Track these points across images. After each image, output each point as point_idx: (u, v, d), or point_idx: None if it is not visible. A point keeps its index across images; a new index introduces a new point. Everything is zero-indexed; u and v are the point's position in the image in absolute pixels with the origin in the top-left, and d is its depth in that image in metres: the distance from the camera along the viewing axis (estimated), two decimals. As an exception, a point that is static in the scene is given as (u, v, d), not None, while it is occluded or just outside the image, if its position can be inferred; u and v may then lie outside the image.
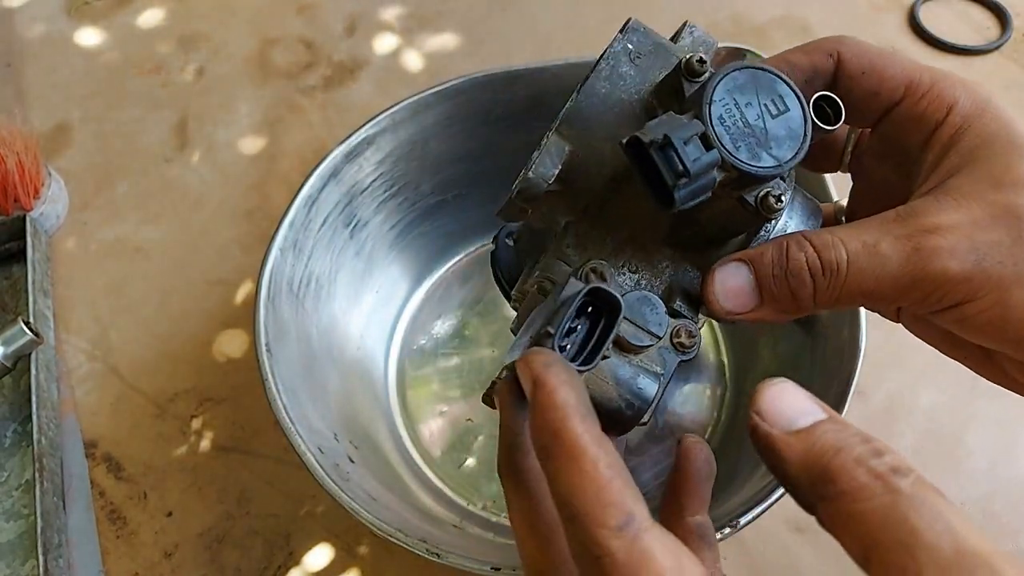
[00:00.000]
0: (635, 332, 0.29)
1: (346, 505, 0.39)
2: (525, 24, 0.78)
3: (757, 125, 0.27)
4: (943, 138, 0.29)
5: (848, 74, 0.31)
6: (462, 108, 0.54)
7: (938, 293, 0.27)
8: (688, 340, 0.30)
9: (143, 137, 0.72)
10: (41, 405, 0.53)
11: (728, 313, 0.30)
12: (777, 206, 0.28)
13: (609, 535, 0.22)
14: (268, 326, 0.46)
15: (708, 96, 0.27)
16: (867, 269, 0.27)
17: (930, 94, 0.30)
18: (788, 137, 0.27)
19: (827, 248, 0.28)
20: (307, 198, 0.50)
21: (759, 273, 0.29)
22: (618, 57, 0.30)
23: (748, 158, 0.27)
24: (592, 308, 0.28)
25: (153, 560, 0.51)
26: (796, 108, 0.28)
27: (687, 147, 0.25)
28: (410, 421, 0.55)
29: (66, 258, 0.65)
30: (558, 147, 0.30)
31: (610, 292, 0.27)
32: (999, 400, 0.54)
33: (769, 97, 0.28)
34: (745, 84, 0.27)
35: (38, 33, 0.80)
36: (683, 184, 0.26)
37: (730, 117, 0.27)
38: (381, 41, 0.77)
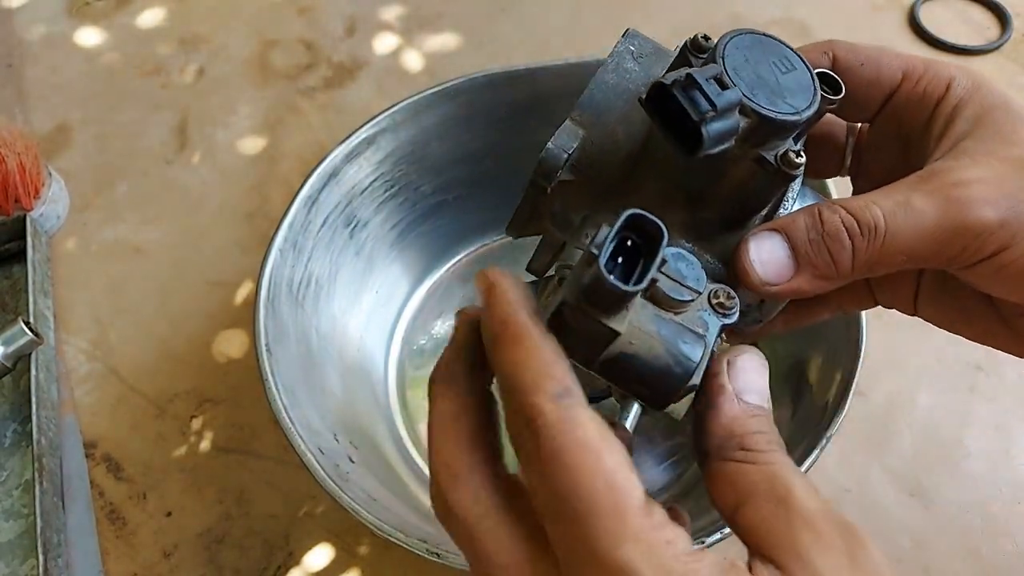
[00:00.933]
0: (674, 286, 0.28)
1: (346, 505, 0.39)
2: (525, 25, 0.78)
3: (770, 78, 0.27)
4: (947, 110, 0.30)
5: (845, 67, 0.31)
6: (462, 109, 0.54)
7: (977, 242, 0.27)
8: (728, 301, 0.28)
9: (143, 138, 0.72)
10: (41, 405, 0.53)
11: (765, 284, 0.29)
12: (798, 161, 0.28)
13: (545, 400, 0.23)
14: (268, 326, 0.46)
15: (720, 50, 0.27)
16: (905, 225, 0.27)
17: (927, 75, 0.31)
18: (800, 90, 0.28)
19: (861, 209, 0.28)
20: (307, 199, 0.50)
21: (794, 239, 0.29)
22: (622, 55, 0.31)
23: (766, 103, 0.27)
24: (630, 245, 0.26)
25: (152, 560, 0.51)
26: (802, 69, 0.28)
27: (709, 85, 0.26)
28: (410, 421, 0.55)
29: (66, 258, 0.65)
30: (572, 130, 0.31)
31: (650, 218, 0.25)
32: (997, 401, 0.54)
33: (777, 57, 0.28)
34: (753, 45, 0.28)
35: (39, 34, 0.80)
36: (711, 119, 0.25)
37: (743, 69, 0.27)
38: (381, 42, 0.78)
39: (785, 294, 0.29)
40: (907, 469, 0.52)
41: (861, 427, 0.53)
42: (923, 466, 0.52)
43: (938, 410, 0.54)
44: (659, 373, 0.27)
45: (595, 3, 0.80)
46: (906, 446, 0.53)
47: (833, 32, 0.76)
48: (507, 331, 0.24)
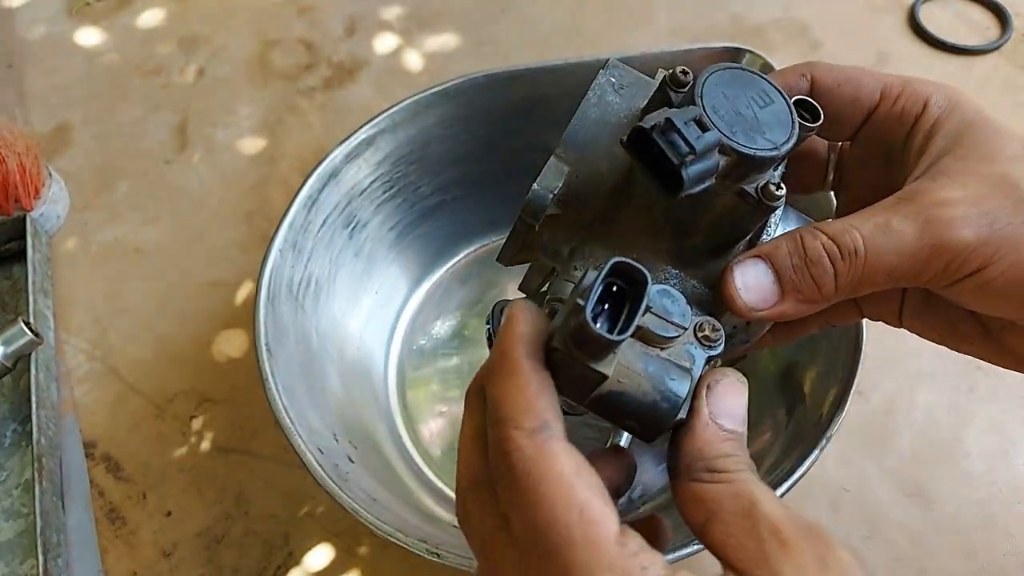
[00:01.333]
0: (659, 323, 0.29)
1: (346, 505, 0.39)
2: (524, 25, 0.78)
3: (748, 114, 0.28)
4: (925, 127, 0.30)
5: (824, 88, 0.32)
6: (462, 109, 0.54)
7: (957, 261, 0.28)
8: (713, 333, 0.29)
9: (143, 138, 0.72)
10: (41, 405, 0.53)
11: (751, 309, 0.30)
12: (778, 193, 0.28)
13: (521, 435, 0.24)
14: (268, 326, 0.46)
15: (699, 89, 0.28)
16: (885, 247, 0.28)
17: (905, 93, 0.31)
18: (778, 124, 0.28)
19: (841, 233, 0.28)
20: (307, 199, 0.50)
21: (777, 265, 0.30)
22: (604, 88, 0.32)
23: (745, 141, 0.28)
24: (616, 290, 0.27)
25: (152, 560, 0.51)
26: (780, 101, 0.29)
27: (688, 128, 0.26)
28: (410, 421, 0.55)
29: (66, 258, 0.65)
30: (558, 167, 0.32)
31: (635, 265, 0.26)
32: (996, 402, 0.54)
33: (754, 91, 0.29)
34: (732, 81, 0.29)
35: (39, 34, 0.80)
36: (690, 161, 0.26)
37: (721, 107, 0.28)
38: (381, 42, 0.78)
39: (771, 318, 0.30)
40: (906, 469, 0.52)
41: (861, 427, 0.53)
42: (922, 466, 0.52)
43: (937, 410, 0.54)
44: (648, 410, 0.28)
45: (595, 3, 0.80)
46: (905, 446, 0.53)
47: (832, 32, 0.76)
48: (503, 364, 0.26)
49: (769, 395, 0.51)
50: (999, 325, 0.32)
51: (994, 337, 0.33)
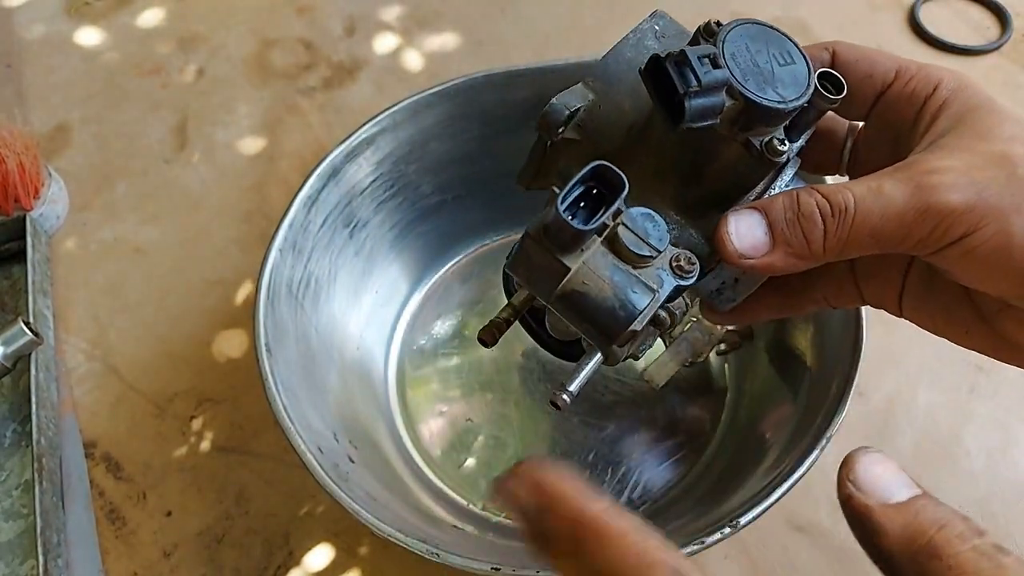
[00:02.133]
0: (635, 241, 0.30)
1: (346, 505, 0.39)
2: (524, 25, 0.78)
3: (766, 67, 0.29)
4: (932, 108, 0.32)
5: (843, 62, 0.33)
6: (462, 108, 0.54)
7: (943, 225, 0.29)
8: (688, 265, 0.31)
9: (143, 138, 0.72)
10: (40, 405, 0.53)
11: (740, 256, 0.31)
12: (781, 149, 0.30)
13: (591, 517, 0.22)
14: (268, 326, 0.46)
15: (723, 35, 0.29)
16: (874, 208, 0.29)
17: (918, 75, 0.33)
18: (793, 83, 0.29)
19: (835, 192, 0.30)
20: (307, 198, 0.50)
21: (772, 217, 0.31)
22: (645, 33, 0.33)
23: (755, 89, 0.29)
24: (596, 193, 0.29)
25: (152, 560, 0.51)
26: (802, 63, 0.30)
27: (700, 63, 0.28)
28: (410, 421, 0.55)
29: (66, 258, 0.65)
30: (582, 92, 0.33)
31: (614, 170, 0.29)
32: (997, 401, 0.54)
33: (778, 49, 0.30)
34: (757, 35, 0.30)
35: (38, 34, 0.80)
36: (695, 94, 0.27)
37: (741, 56, 0.29)
38: (381, 42, 0.78)
39: (760, 268, 0.31)
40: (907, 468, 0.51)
41: (861, 427, 0.53)
42: (923, 465, 0.52)
43: (938, 410, 0.54)
44: (604, 313, 0.30)
45: (595, 3, 0.80)
46: (906, 446, 0.53)
47: (832, 32, 0.76)
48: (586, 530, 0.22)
49: (769, 395, 0.51)
50: (993, 309, 0.32)
51: (989, 323, 0.33)
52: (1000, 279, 0.29)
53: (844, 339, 0.44)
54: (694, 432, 0.53)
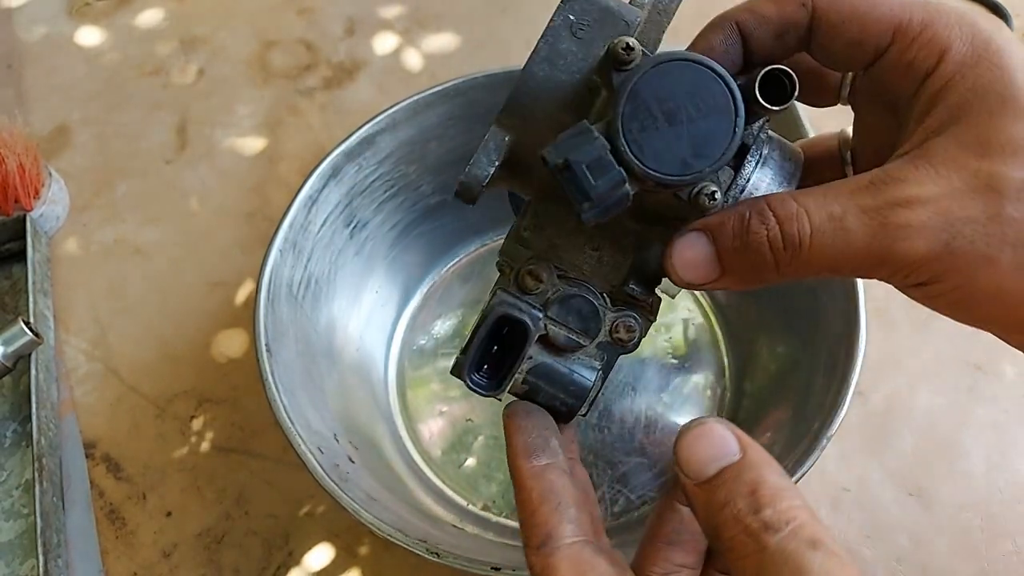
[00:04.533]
0: (567, 335, 0.30)
1: (346, 505, 0.39)
2: (524, 25, 0.78)
3: (681, 126, 0.26)
4: (932, 89, 0.27)
5: (826, 23, 0.28)
6: (462, 108, 0.54)
7: (903, 271, 0.26)
8: (627, 335, 0.31)
9: (143, 138, 0.72)
10: (41, 405, 0.53)
11: (688, 284, 0.29)
12: (710, 204, 0.27)
13: (530, 552, 0.26)
14: (268, 327, 0.46)
15: (622, 102, 0.25)
16: (830, 244, 0.26)
17: (921, 38, 0.27)
18: (717, 135, 0.26)
19: (790, 220, 0.26)
20: (307, 199, 0.50)
21: (719, 244, 0.28)
22: (558, 33, 0.28)
23: (668, 168, 0.26)
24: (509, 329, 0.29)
25: (152, 560, 0.51)
26: (727, 103, 0.26)
27: (590, 171, 0.25)
28: (410, 421, 0.55)
29: (66, 259, 0.65)
30: (497, 140, 0.29)
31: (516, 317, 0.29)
32: (996, 402, 0.54)
33: (697, 92, 0.26)
34: (669, 81, 0.25)
35: (38, 34, 0.80)
36: (587, 208, 0.25)
37: (650, 120, 0.25)
38: (381, 42, 0.78)
39: (711, 289, 0.30)
40: (906, 469, 0.52)
41: (861, 427, 0.53)
42: (922, 466, 0.52)
43: (937, 410, 0.54)
44: (555, 408, 0.31)
45: (595, 3, 0.80)
46: (906, 446, 0.53)
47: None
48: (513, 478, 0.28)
49: (769, 395, 0.51)
50: None
51: None
52: (966, 322, 0.27)
53: (844, 340, 0.44)
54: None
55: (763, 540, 0.22)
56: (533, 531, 0.26)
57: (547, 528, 0.26)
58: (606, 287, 0.31)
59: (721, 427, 0.25)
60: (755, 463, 0.24)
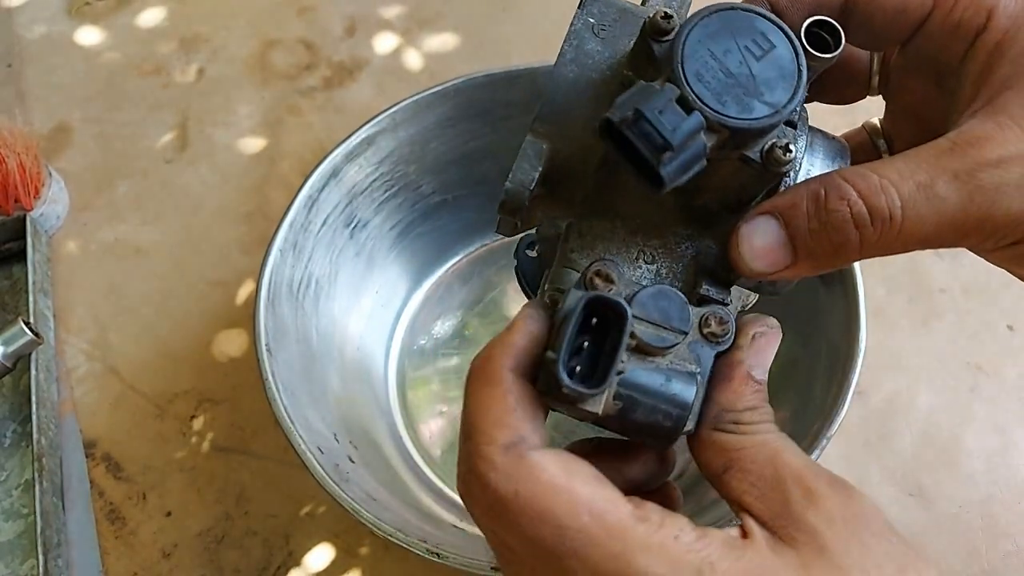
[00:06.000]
0: (656, 333, 0.26)
1: (346, 505, 0.39)
2: (525, 25, 0.78)
3: (741, 72, 0.24)
4: (988, 46, 0.26)
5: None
6: (462, 108, 0.54)
7: (1000, 232, 0.25)
8: (719, 328, 0.27)
9: (143, 138, 0.72)
10: (41, 405, 0.53)
11: (759, 274, 0.27)
12: (786, 157, 0.25)
13: (496, 450, 0.23)
14: (268, 327, 0.46)
15: (678, 53, 0.24)
16: (925, 214, 0.24)
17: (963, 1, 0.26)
18: (780, 78, 0.24)
19: (876, 193, 0.24)
20: (307, 198, 0.50)
21: (792, 227, 0.26)
22: (581, 35, 0.28)
23: (738, 111, 0.24)
24: (599, 319, 0.25)
25: (152, 560, 0.51)
26: (783, 43, 0.24)
27: (663, 116, 0.23)
28: (410, 421, 0.55)
29: (66, 258, 0.65)
30: (535, 148, 0.27)
31: (610, 298, 0.24)
32: (997, 402, 0.54)
33: (749, 38, 0.24)
34: (718, 30, 0.24)
35: (38, 34, 0.80)
36: (668, 159, 0.23)
37: (708, 70, 0.24)
38: (381, 42, 0.78)
39: (784, 279, 0.28)
40: (907, 469, 0.52)
41: (861, 427, 0.53)
42: (923, 466, 0.52)
43: (938, 410, 0.54)
44: (655, 426, 0.26)
45: (595, 3, 0.80)
46: (906, 446, 0.53)
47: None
48: (483, 371, 0.25)
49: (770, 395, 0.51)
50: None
51: None
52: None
53: (844, 339, 0.44)
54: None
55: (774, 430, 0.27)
56: (501, 428, 0.23)
57: (522, 429, 0.24)
58: None
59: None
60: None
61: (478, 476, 0.23)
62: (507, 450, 0.23)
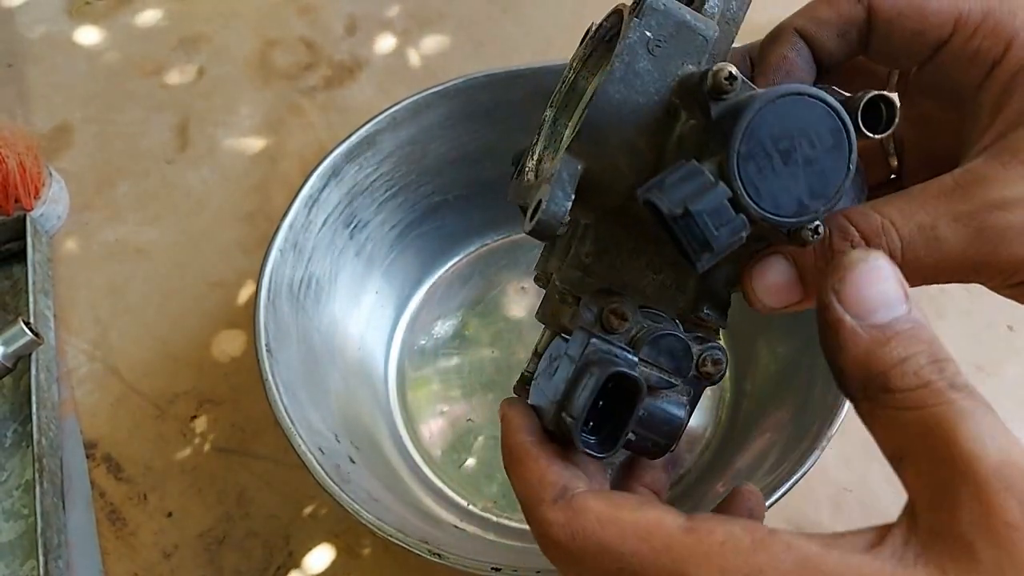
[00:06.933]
0: (660, 375, 0.28)
1: (347, 506, 0.39)
2: (525, 26, 0.78)
3: (793, 168, 0.24)
4: (1002, 79, 0.25)
5: (884, 18, 0.27)
6: (462, 108, 0.54)
7: (1005, 274, 0.25)
8: (714, 368, 0.29)
9: (144, 138, 0.72)
10: (41, 405, 0.53)
11: (770, 309, 0.28)
12: (814, 238, 0.25)
13: (548, 508, 0.24)
14: (268, 327, 0.46)
15: (737, 142, 0.23)
16: (924, 257, 0.25)
17: (984, 27, 0.26)
18: (830, 174, 0.24)
19: (877, 234, 0.25)
20: (307, 198, 0.50)
21: (801, 266, 0.27)
22: (634, 50, 0.26)
23: (788, 210, 0.24)
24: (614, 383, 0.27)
25: (152, 561, 0.51)
26: (841, 138, 0.24)
27: (711, 218, 0.23)
28: (410, 421, 0.55)
29: (67, 259, 0.65)
30: (571, 170, 0.26)
31: (629, 375, 0.26)
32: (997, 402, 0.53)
33: (812, 128, 0.24)
34: (784, 118, 0.24)
35: (39, 34, 0.80)
36: (706, 258, 0.23)
37: (763, 162, 0.24)
38: (382, 42, 0.78)
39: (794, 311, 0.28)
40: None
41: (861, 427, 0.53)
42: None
43: (939, 410, 0.54)
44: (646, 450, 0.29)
45: (596, 3, 0.80)
46: (907, 446, 0.53)
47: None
48: (512, 456, 0.27)
49: (770, 395, 0.51)
50: None
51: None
52: None
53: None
54: (694, 433, 0.53)
55: (948, 395, 0.21)
56: (545, 489, 0.25)
57: (561, 483, 0.25)
58: (674, 311, 0.29)
59: (891, 268, 0.22)
60: (922, 319, 0.22)
61: (544, 536, 0.24)
62: (555, 503, 0.24)
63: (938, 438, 0.20)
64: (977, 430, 0.20)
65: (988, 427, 0.20)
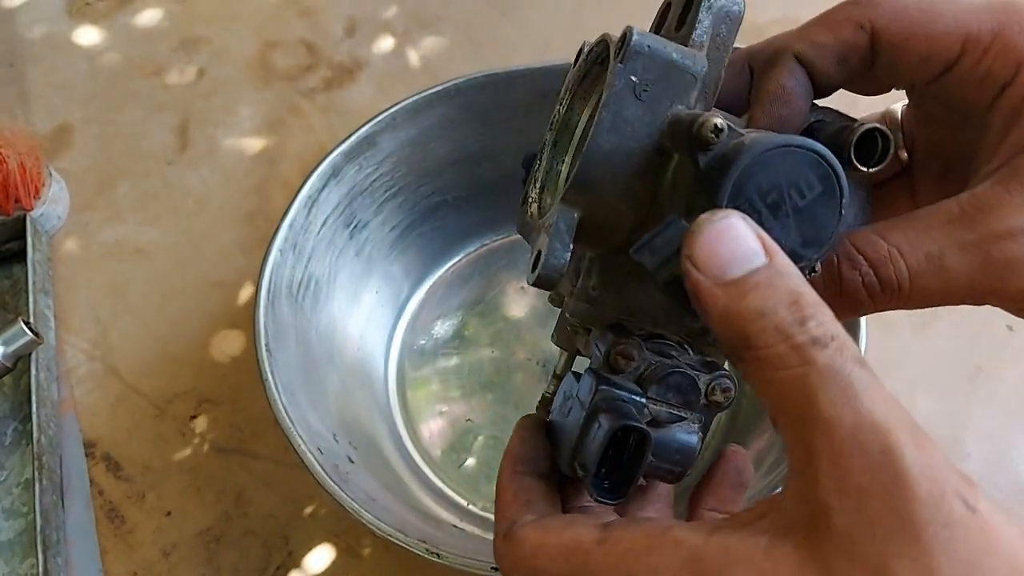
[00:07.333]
0: (668, 411, 0.29)
1: (346, 505, 0.39)
2: (524, 27, 0.78)
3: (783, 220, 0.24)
4: (1012, 101, 0.25)
5: (889, 43, 0.26)
6: (462, 109, 0.54)
7: (1012, 301, 0.25)
8: (723, 396, 0.29)
9: (144, 138, 0.72)
10: (41, 404, 0.53)
11: None
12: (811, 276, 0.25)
13: (499, 541, 0.26)
14: (268, 327, 0.46)
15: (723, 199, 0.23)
16: (932, 285, 0.25)
17: (994, 48, 0.25)
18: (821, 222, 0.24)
19: (884, 264, 0.25)
20: (307, 199, 0.50)
21: None
22: (620, 98, 0.25)
23: None
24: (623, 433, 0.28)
25: (151, 559, 0.51)
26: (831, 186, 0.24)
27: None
28: (410, 421, 0.55)
29: (67, 259, 0.65)
30: (568, 221, 0.26)
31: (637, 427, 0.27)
32: (995, 406, 0.54)
33: (800, 178, 0.24)
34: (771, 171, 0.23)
35: (39, 34, 0.80)
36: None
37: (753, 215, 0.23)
38: (381, 43, 0.78)
39: None
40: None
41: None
42: (922, 467, 0.52)
43: (937, 413, 0.54)
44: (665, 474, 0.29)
45: (597, 5, 0.80)
46: (906, 447, 0.53)
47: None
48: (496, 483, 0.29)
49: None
50: None
51: None
52: None
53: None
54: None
55: (810, 354, 0.20)
56: (501, 522, 0.27)
57: (509, 517, 0.27)
58: (682, 332, 0.29)
59: (744, 223, 0.22)
60: (786, 269, 0.22)
61: (499, 567, 0.26)
62: (504, 537, 0.26)
63: (801, 402, 0.20)
64: (835, 393, 0.20)
65: (846, 388, 0.20)
